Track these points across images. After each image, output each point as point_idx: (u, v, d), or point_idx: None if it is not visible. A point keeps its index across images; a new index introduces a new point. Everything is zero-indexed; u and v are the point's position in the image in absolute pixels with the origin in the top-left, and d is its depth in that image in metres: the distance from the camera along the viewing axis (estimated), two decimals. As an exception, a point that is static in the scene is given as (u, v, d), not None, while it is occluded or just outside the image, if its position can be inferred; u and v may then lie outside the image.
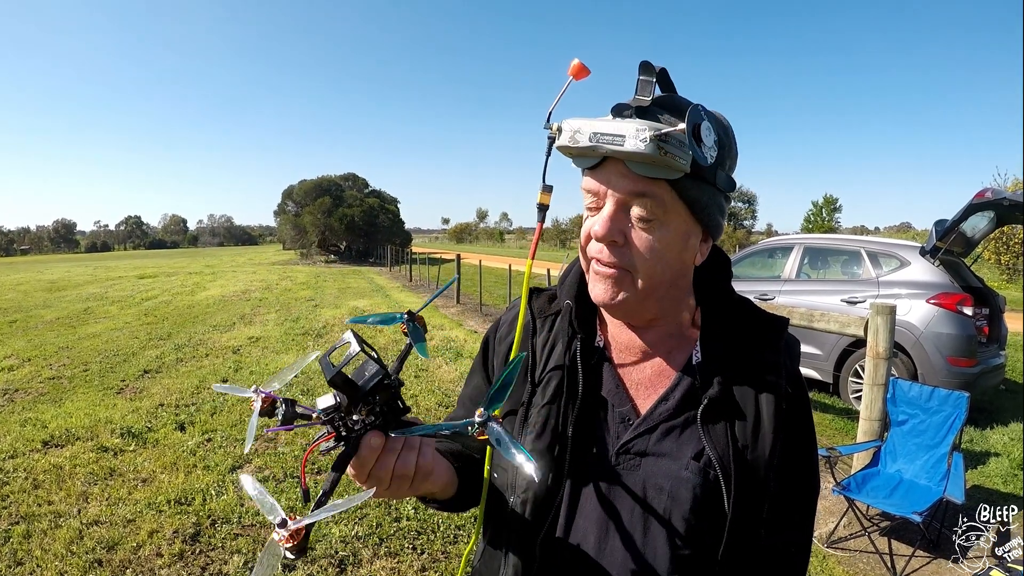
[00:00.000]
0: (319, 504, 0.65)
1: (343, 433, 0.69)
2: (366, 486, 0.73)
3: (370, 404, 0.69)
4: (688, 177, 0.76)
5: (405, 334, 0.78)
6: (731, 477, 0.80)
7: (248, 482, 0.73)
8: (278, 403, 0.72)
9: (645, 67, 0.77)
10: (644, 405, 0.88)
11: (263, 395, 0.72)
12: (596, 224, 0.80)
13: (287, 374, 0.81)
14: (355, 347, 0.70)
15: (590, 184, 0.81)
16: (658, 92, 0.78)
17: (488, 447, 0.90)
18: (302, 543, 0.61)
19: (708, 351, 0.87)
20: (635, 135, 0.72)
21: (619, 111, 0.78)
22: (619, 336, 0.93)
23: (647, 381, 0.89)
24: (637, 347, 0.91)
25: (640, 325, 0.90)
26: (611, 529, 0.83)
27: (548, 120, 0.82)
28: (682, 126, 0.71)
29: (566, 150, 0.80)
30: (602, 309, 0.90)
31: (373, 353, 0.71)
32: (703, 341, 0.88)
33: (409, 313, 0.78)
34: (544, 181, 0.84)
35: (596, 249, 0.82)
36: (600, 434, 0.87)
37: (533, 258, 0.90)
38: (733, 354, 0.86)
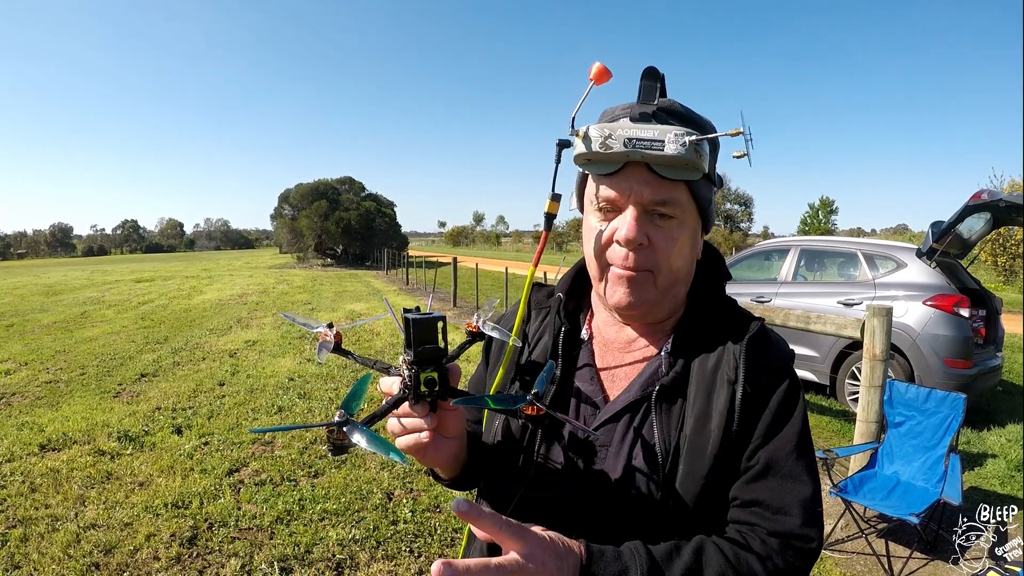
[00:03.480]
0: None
1: (409, 383, 0.75)
2: (404, 441, 0.79)
3: (436, 371, 0.76)
4: (703, 178, 0.80)
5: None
6: (668, 463, 0.81)
7: (288, 316, 0.90)
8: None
9: (650, 73, 0.79)
10: (613, 394, 0.90)
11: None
12: (623, 228, 0.80)
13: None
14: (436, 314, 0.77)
15: (608, 192, 0.81)
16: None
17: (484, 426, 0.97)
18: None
19: (678, 343, 0.89)
20: (675, 140, 0.74)
21: (642, 117, 0.79)
22: (604, 330, 0.95)
23: (622, 372, 0.91)
24: (620, 340, 0.93)
25: (635, 320, 0.92)
26: (575, 517, 0.85)
27: (572, 126, 0.81)
28: (736, 129, 0.74)
29: (595, 156, 0.79)
30: (617, 310, 0.89)
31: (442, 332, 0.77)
32: (677, 334, 0.90)
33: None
34: (553, 189, 0.84)
35: (620, 255, 0.82)
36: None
37: (536, 265, 0.92)
38: (700, 346, 0.87)
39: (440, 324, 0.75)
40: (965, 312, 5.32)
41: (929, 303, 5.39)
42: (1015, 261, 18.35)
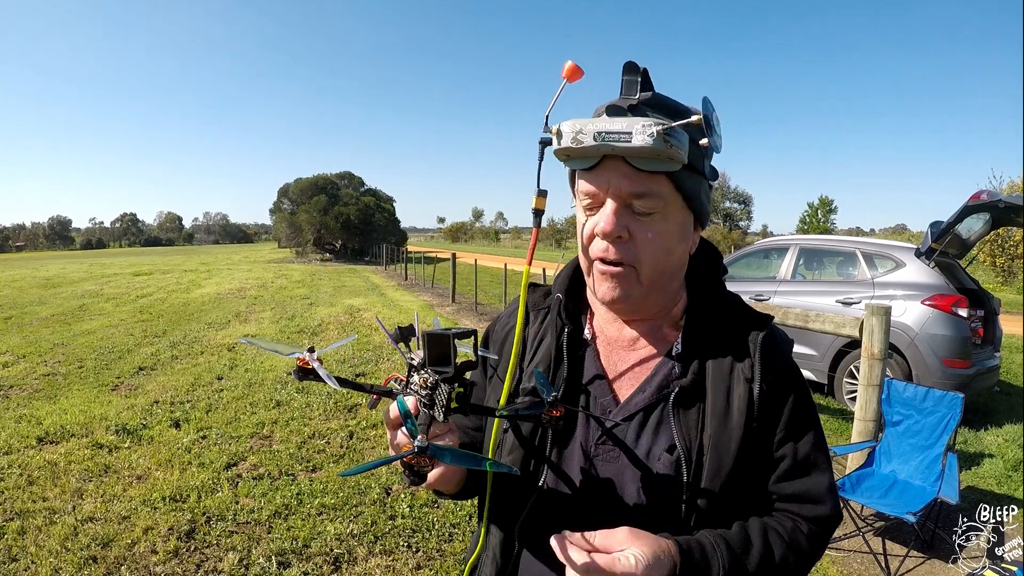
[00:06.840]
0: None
1: (431, 402, 0.75)
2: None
3: (460, 385, 0.75)
4: (684, 169, 0.79)
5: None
6: (692, 464, 0.81)
7: (247, 340, 0.90)
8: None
9: (630, 67, 0.79)
10: (624, 396, 0.89)
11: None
12: (601, 222, 0.81)
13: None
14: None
15: (588, 186, 0.82)
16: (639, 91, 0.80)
17: (493, 435, 0.93)
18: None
19: (689, 342, 0.88)
20: (642, 131, 0.73)
21: (614, 111, 0.80)
22: (606, 329, 0.94)
23: (630, 372, 0.90)
24: (623, 339, 0.92)
25: (635, 319, 0.92)
26: (587, 518, 0.84)
27: (546, 123, 0.82)
28: (697, 117, 0.73)
29: (568, 151, 0.80)
30: (603, 305, 0.91)
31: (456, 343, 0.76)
32: (685, 333, 0.89)
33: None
34: (538, 186, 0.84)
35: (601, 248, 0.83)
36: (580, 423, 0.89)
37: (530, 264, 0.89)
38: (712, 346, 0.87)
39: (471, 338, 0.78)
40: (963, 312, 5.33)
41: (927, 303, 5.40)
42: (1013, 262, 18.37)
